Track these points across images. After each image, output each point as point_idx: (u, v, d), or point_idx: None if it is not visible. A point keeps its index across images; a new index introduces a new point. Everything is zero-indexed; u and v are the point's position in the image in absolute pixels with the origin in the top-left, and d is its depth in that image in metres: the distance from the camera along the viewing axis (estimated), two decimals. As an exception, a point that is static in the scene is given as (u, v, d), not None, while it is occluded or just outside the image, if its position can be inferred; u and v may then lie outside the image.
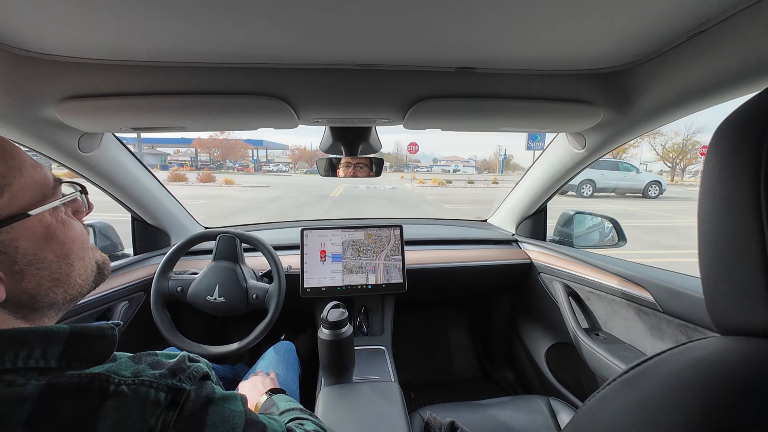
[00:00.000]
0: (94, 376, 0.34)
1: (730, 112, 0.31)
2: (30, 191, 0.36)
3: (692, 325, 0.82)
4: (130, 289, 1.15)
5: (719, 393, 0.23)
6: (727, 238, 0.29)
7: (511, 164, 53.77)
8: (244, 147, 46.76)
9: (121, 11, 0.52)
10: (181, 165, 40.07)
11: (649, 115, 0.82)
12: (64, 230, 0.39)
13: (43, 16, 0.54)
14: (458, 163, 71.29)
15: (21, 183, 0.36)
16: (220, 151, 44.43)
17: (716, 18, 0.54)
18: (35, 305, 0.38)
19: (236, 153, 45.25)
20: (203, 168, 38.01)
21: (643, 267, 1.03)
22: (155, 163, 37.19)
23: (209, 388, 0.40)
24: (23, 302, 0.37)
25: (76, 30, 0.57)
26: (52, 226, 0.38)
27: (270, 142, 49.82)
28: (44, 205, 0.37)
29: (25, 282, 0.36)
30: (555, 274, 1.31)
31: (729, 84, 0.63)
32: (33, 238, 0.36)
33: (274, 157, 53.30)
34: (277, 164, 48.85)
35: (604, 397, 0.32)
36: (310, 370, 1.18)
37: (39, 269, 0.37)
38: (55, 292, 0.38)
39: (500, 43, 0.63)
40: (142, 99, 0.75)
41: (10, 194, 0.35)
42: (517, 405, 1.01)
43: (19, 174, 0.36)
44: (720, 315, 0.31)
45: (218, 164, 44.15)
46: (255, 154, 49.19)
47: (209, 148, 44.66)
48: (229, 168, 41.86)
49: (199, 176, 20.63)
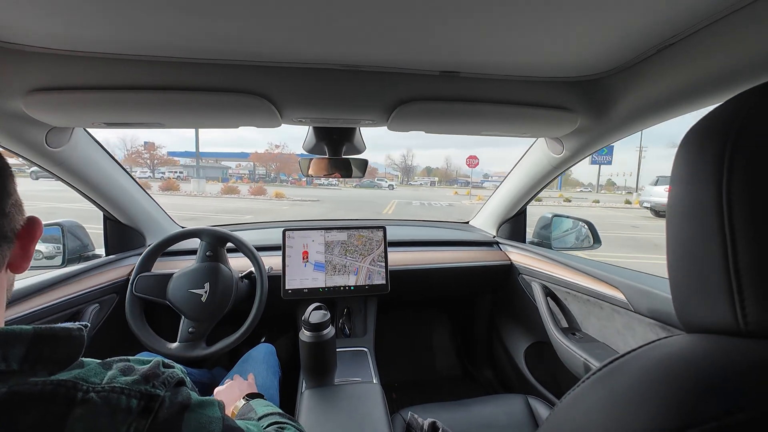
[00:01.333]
0: (60, 383, 0.32)
1: (696, 121, 0.32)
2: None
3: (661, 324, 0.86)
4: (101, 291, 1.10)
5: (685, 387, 0.25)
6: (692, 241, 0.31)
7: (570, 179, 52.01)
8: (297, 161, 47.19)
9: (96, 1, 0.50)
10: (240, 178, 40.47)
11: (624, 122, 0.85)
12: None
13: (10, 4, 0.51)
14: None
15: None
16: (276, 164, 45.11)
17: (683, 33, 0.58)
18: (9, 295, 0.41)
19: (290, 167, 45.97)
20: (259, 181, 38.58)
21: (617, 268, 1.07)
22: (217, 176, 37.18)
23: (185, 394, 0.38)
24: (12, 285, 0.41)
25: (46, 19, 0.55)
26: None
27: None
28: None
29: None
30: (534, 275, 1.34)
31: (696, 94, 0.67)
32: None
33: None
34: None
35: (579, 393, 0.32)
36: (291, 373, 1.16)
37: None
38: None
39: (483, 48, 0.65)
40: (116, 93, 0.72)
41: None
42: (497, 403, 1.03)
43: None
44: (686, 314, 0.33)
45: (273, 177, 44.92)
46: None
47: (266, 162, 45.36)
48: (283, 181, 42.67)
49: (251, 189, 20.47)
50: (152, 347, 1.02)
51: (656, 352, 0.30)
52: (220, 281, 1.07)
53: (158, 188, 21.50)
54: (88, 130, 1.02)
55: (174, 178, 32.74)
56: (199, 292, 1.05)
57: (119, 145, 47.97)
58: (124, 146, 47.34)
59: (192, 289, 1.05)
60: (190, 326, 1.05)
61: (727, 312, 0.28)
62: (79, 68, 0.68)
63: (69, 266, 1.11)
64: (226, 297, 1.07)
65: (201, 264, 1.10)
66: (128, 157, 46.60)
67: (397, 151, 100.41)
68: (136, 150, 47.15)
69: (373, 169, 52.05)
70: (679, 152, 0.33)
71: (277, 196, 18.64)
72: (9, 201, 0.37)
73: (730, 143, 0.27)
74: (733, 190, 0.27)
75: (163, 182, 24.69)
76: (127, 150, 46.95)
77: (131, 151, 47.05)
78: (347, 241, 1.26)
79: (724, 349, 0.27)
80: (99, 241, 1.30)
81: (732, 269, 0.27)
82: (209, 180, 35.26)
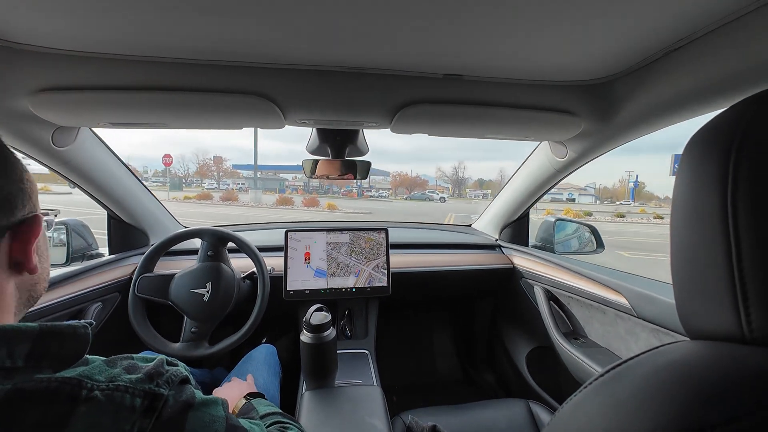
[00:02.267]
0: (65, 381, 0.32)
1: (701, 126, 0.32)
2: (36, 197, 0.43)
3: (665, 330, 0.85)
4: (104, 290, 1.11)
5: (687, 394, 0.24)
6: (696, 247, 0.30)
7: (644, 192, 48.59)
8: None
9: (103, 2, 0.50)
10: (295, 189, 41.56)
11: (628, 127, 0.85)
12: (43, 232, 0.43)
13: (20, 5, 0.52)
14: (572, 190, 60.14)
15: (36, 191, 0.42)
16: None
17: (689, 37, 0.57)
18: (36, 295, 0.43)
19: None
20: (313, 192, 39.48)
21: (620, 273, 1.06)
22: (275, 187, 38.65)
23: (189, 393, 0.38)
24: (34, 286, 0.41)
25: (54, 20, 0.55)
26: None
27: (373, 168, 51.82)
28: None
29: (42, 268, 0.41)
30: (536, 279, 1.33)
31: (700, 99, 0.67)
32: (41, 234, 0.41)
33: (375, 183, 54.63)
34: (378, 190, 50.62)
35: (581, 399, 0.32)
36: (292, 374, 1.16)
37: (43, 262, 0.42)
38: (43, 288, 0.43)
39: (487, 52, 0.65)
40: (121, 94, 0.72)
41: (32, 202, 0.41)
42: (498, 408, 1.02)
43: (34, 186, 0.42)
44: (689, 320, 0.33)
45: (326, 188, 45.96)
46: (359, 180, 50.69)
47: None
48: (335, 193, 43.60)
49: (304, 200, 20.65)
50: (155, 347, 1.02)
51: (659, 358, 0.30)
52: (222, 281, 1.08)
53: (219, 198, 22.25)
54: (94, 129, 1.03)
55: (236, 189, 34.58)
56: (201, 291, 1.05)
57: (192, 159, 51.69)
58: (196, 159, 50.88)
59: (194, 289, 1.06)
60: (193, 326, 1.05)
61: (731, 319, 0.28)
62: (86, 69, 0.68)
63: (72, 264, 1.12)
64: (228, 296, 1.07)
65: (202, 264, 1.10)
66: (199, 170, 49.58)
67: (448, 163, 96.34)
68: (205, 163, 50.16)
69: (423, 182, 51.19)
70: (683, 157, 0.33)
71: (329, 208, 18.37)
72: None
73: (734, 148, 0.27)
74: (738, 195, 0.27)
75: (224, 193, 25.91)
76: (199, 162, 50.23)
77: (202, 164, 50.12)
78: (355, 242, 1.25)
79: (728, 357, 0.27)
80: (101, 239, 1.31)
81: (737, 276, 0.27)
82: (267, 191, 36.10)
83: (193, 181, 50.98)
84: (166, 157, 23.87)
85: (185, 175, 52.56)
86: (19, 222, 0.38)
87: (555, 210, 21.36)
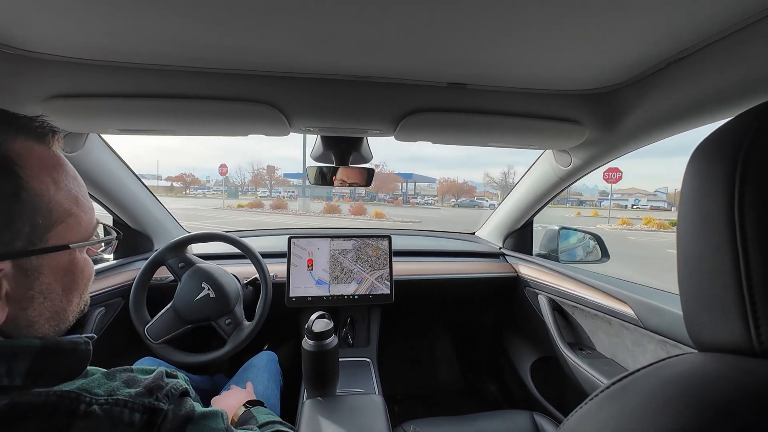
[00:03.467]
0: (63, 395, 0.31)
1: (707, 135, 0.32)
2: (80, 229, 0.38)
3: (672, 341, 0.84)
4: (107, 295, 1.11)
5: (696, 408, 0.24)
6: (703, 256, 0.30)
7: None
8: (396, 180, 49.63)
9: (114, 11, 0.51)
10: (342, 197, 41.98)
11: (633, 136, 0.85)
12: (82, 266, 0.40)
13: (34, 15, 0.53)
14: (639, 196, 53.80)
15: (77, 219, 0.38)
16: (375, 183, 46.38)
17: (693, 47, 0.58)
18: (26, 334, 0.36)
19: (387, 186, 47.76)
20: (359, 199, 40.02)
21: (626, 283, 1.05)
22: (323, 195, 39.04)
23: (188, 406, 0.38)
24: (18, 327, 0.35)
25: (66, 29, 0.57)
26: (76, 260, 0.38)
27: (419, 175, 53.24)
28: (84, 242, 0.39)
29: (31, 309, 0.35)
30: (540, 288, 1.32)
31: (705, 108, 0.67)
32: (56, 268, 0.36)
33: (420, 189, 54.23)
34: (424, 197, 49.67)
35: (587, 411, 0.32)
36: (293, 381, 1.15)
37: (46, 299, 0.36)
38: (49, 325, 0.37)
39: (492, 61, 0.65)
40: (130, 101, 0.74)
41: (66, 226, 0.36)
42: (501, 419, 1.00)
43: (81, 211, 0.38)
44: (697, 332, 0.32)
45: (371, 196, 46.40)
46: (404, 187, 50.83)
47: None
48: (381, 200, 43.80)
49: (351, 208, 20.49)
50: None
51: (667, 370, 0.30)
52: (212, 276, 1.09)
53: (269, 206, 22.67)
54: (102, 135, 1.04)
55: (286, 197, 35.55)
56: (203, 294, 1.06)
57: (248, 168, 54.09)
58: (251, 168, 53.18)
59: (197, 297, 1.06)
60: (225, 320, 1.06)
61: (740, 330, 0.27)
62: (97, 76, 0.70)
63: None
64: (230, 282, 1.09)
65: (184, 277, 1.10)
66: (254, 179, 51.76)
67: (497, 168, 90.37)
68: (258, 172, 52.28)
69: (470, 188, 50.31)
70: (689, 166, 0.32)
71: (377, 216, 17.72)
72: None
73: (741, 157, 0.27)
74: (745, 203, 0.26)
75: (274, 201, 26.61)
76: (254, 171, 52.61)
77: (256, 173, 52.30)
78: (362, 249, 1.25)
79: (737, 369, 0.26)
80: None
81: (745, 285, 0.26)
82: (314, 199, 36.40)
83: (248, 189, 53.07)
84: (221, 167, 27.08)
85: (242, 183, 54.70)
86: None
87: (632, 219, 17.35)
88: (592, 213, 25.50)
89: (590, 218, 20.68)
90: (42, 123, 0.37)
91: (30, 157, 0.34)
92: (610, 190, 27.43)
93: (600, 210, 30.63)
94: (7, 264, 0.32)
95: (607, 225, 15.81)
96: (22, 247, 0.33)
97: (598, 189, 68.22)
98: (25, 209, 0.33)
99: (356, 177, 1.08)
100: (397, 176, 50.92)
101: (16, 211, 0.32)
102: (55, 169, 0.37)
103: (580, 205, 45.49)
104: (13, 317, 0.34)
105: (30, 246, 0.34)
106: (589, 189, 71.68)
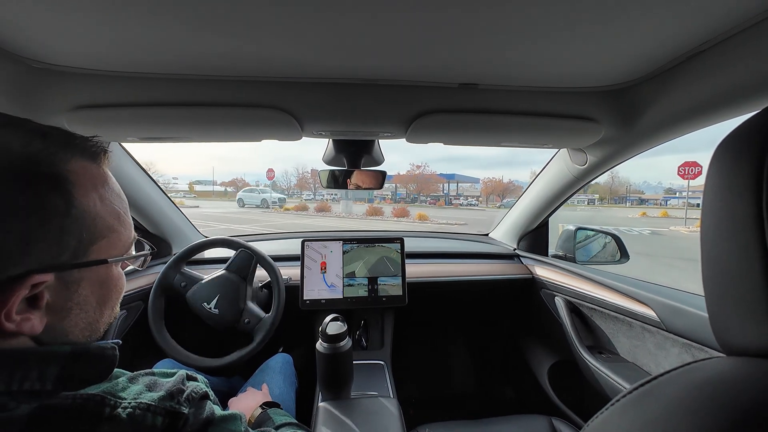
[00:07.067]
0: (89, 398, 0.32)
1: (731, 130, 0.31)
2: (120, 244, 0.40)
3: (697, 345, 0.81)
4: (128, 299, 1.14)
5: (723, 417, 0.23)
6: (729, 256, 0.29)
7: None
8: (438, 181, 49.28)
9: (134, 26, 0.53)
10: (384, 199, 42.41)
11: (651, 132, 0.82)
12: (116, 279, 0.41)
13: (59, 29, 0.55)
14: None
15: (118, 235, 0.39)
16: (416, 185, 47.19)
17: (714, 39, 0.55)
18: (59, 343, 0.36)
19: (429, 187, 47.65)
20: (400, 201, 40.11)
21: (647, 284, 1.02)
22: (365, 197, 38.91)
23: (209, 410, 0.39)
24: (54, 337, 0.35)
25: (89, 42, 0.59)
26: (112, 274, 0.40)
27: (461, 175, 52.42)
28: (122, 257, 0.40)
29: (67, 320, 0.36)
30: (557, 290, 1.29)
31: (728, 102, 0.64)
32: (94, 281, 0.38)
33: (463, 190, 53.47)
34: (467, 198, 47.61)
35: (608, 417, 0.31)
36: (308, 384, 1.16)
37: (82, 311, 0.37)
38: (83, 335, 0.38)
39: (504, 61, 0.64)
40: (150, 110, 0.76)
41: (108, 241, 0.38)
42: (519, 424, 0.99)
43: (122, 227, 0.40)
44: (724, 335, 0.31)
45: (413, 197, 46.61)
46: (446, 188, 50.59)
47: (406, 183, 48.06)
48: (422, 201, 43.47)
49: (394, 210, 20.34)
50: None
51: (692, 375, 0.29)
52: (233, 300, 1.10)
53: (314, 209, 23.20)
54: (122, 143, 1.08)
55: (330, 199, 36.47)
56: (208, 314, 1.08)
57: (293, 173, 56.65)
58: (296, 172, 55.80)
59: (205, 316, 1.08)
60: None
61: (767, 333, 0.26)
62: (119, 87, 0.72)
63: None
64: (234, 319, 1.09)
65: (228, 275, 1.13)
66: (299, 182, 53.99)
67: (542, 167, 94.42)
68: (303, 176, 54.07)
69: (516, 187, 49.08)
70: (711, 163, 0.31)
71: (420, 219, 17.27)
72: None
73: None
74: None
75: (318, 203, 27.26)
76: (299, 175, 54.93)
77: (300, 177, 54.39)
78: (364, 253, 1.25)
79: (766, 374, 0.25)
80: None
81: None
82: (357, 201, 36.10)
83: (294, 192, 54.53)
84: (269, 172, 30.13)
85: (288, 187, 56.10)
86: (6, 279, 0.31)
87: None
88: (660, 213, 22.00)
89: (659, 219, 17.75)
90: (96, 143, 0.39)
91: (83, 176, 0.36)
92: (687, 187, 22.24)
93: (669, 209, 25.97)
94: (51, 276, 0.33)
95: (684, 227, 13.43)
96: (67, 260, 0.34)
97: (663, 186, 61.84)
98: (75, 224, 0.34)
99: (368, 180, 1.08)
100: (439, 177, 49.90)
101: (67, 226, 0.34)
102: (103, 186, 0.38)
103: (642, 204, 40.63)
104: (51, 327, 0.35)
105: (74, 259, 0.35)
106: (652, 186, 63.21)
